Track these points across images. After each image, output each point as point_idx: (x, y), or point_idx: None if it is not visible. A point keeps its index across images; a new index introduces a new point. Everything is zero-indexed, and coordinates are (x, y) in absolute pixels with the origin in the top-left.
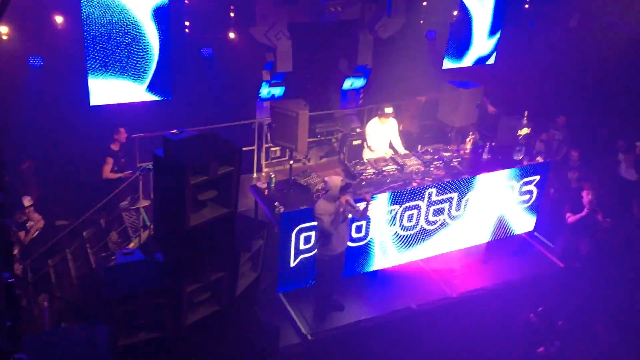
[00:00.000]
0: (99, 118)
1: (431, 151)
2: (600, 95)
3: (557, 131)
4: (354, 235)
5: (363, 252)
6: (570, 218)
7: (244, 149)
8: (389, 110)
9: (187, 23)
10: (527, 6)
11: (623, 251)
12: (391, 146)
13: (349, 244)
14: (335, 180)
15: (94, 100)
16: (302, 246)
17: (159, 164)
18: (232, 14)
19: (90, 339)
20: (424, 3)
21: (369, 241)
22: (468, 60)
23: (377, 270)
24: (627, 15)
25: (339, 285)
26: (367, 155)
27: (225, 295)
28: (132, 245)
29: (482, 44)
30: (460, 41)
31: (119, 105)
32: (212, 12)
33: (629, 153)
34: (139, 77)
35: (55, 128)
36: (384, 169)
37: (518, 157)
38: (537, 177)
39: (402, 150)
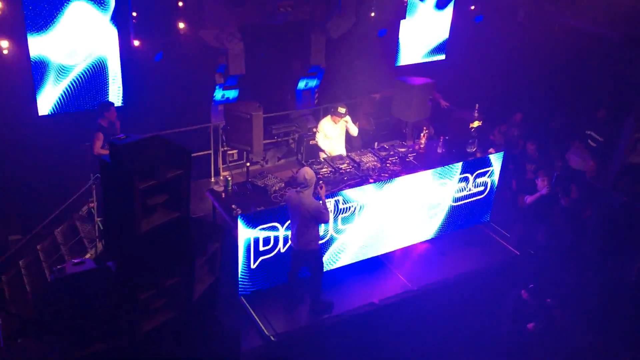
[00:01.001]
0: (49, 128)
1: (387, 147)
2: (549, 87)
3: (514, 127)
4: None
5: (324, 250)
6: (529, 198)
7: (200, 153)
8: (341, 110)
9: (136, 41)
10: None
11: (576, 237)
12: (348, 143)
13: None
14: (311, 171)
15: (43, 110)
16: (261, 248)
17: (106, 170)
18: (181, 24)
19: (46, 354)
20: (373, 2)
21: (330, 239)
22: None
23: (337, 268)
24: (572, 7)
25: (316, 287)
26: (323, 154)
27: (182, 300)
28: (88, 256)
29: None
30: None
31: (69, 114)
32: (160, 16)
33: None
34: None
35: (4, 139)
36: (340, 167)
37: (471, 149)
38: (491, 169)
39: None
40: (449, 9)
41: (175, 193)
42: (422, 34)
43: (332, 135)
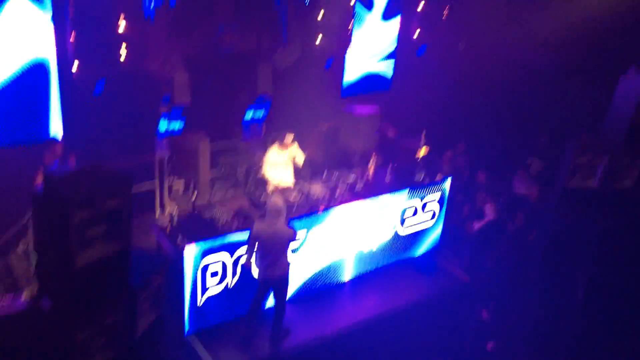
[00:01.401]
0: None
1: (335, 177)
2: (492, 116)
3: (459, 156)
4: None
5: None
6: (477, 225)
7: (144, 186)
8: (289, 139)
9: (75, 60)
10: (416, 34)
11: (523, 261)
12: (297, 174)
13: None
14: (277, 199)
15: None
16: (209, 282)
17: (38, 202)
18: (123, 48)
19: None
20: (319, 33)
21: None
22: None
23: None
24: (509, 37)
25: (279, 312)
26: (271, 186)
27: (123, 339)
28: (24, 295)
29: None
30: None
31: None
32: (103, 45)
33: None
34: None
35: None
36: (289, 198)
37: (419, 176)
38: (438, 194)
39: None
40: (396, 20)
41: (115, 224)
42: (370, 43)
43: (278, 164)
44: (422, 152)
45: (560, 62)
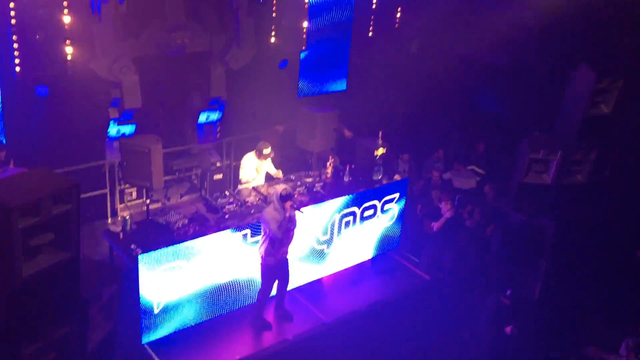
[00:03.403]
0: None
1: (293, 178)
2: (444, 115)
3: (438, 162)
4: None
5: (234, 288)
6: (436, 225)
7: (95, 193)
8: (267, 151)
9: (17, 61)
10: (370, 34)
11: (481, 258)
12: (268, 177)
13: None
14: (277, 188)
15: None
16: (165, 290)
17: None
18: (68, 48)
19: None
20: (273, 33)
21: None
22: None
23: (246, 306)
24: (460, 38)
25: (285, 292)
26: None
27: (74, 353)
28: None
29: None
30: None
31: None
32: (45, 47)
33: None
34: None
35: None
36: (246, 199)
37: (377, 176)
38: (397, 195)
39: (274, 171)
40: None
41: (62, 231)
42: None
43: (254, 171)
44: (380, 151)
45: (512, 60)
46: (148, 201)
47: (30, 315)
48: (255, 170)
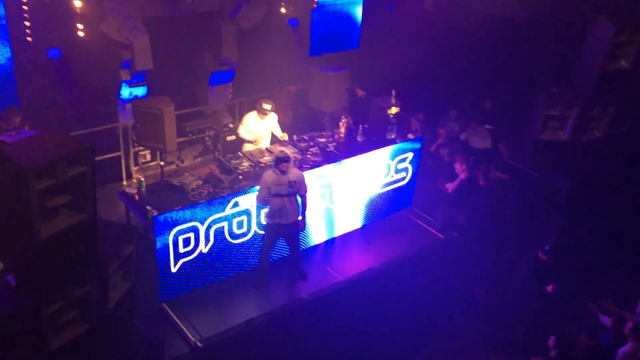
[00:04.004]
0: None
1: (307, 139)
2: (459, 72)
3: (452, 122)
4: (236, 231)
5: (249, 248)
6: (450, 186)
7: (109, 155)
8: (267, 106)
9: (27, 23)
10: None
11: (496, 217)
12: (274, 138)
13: (234, 241)
14: (275, 152)
15: None
16: (182, 249)
17: None
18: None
19: None
20: (282, 4)
21: (253, 236)
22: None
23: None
24: None
25: (297, 254)
26: (247, 148)
27: (95, 311)
28: None
29: None
30: None
31: None
32: (54, 10)
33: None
34: None
35: None
36: (260, 160)
37: (391, 136)
38: (411, 154)
39: (280, 134)
40: None
41: (79, 193)
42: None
43: (258, 132)
44: (393, 110)
45: (528, 15)
46: (162, 163)
47: (50, 276)
48: (251, 131)
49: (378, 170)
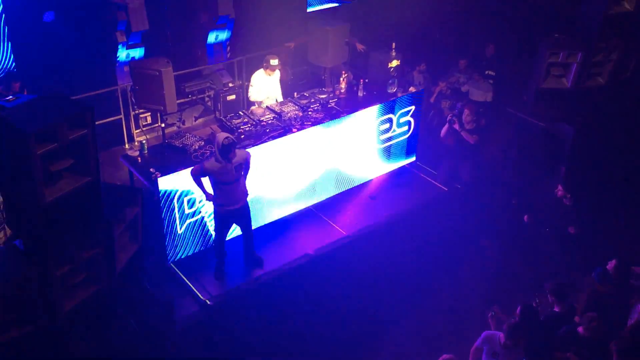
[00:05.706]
0: None
1: (307, 95)
2: (457, 19)
3: (459, 74)
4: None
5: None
6: (465, 135)
7: (110, 119)
8: (274, 62)
9: None
10: None
11: (499, 167)
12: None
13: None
14: (219, 138)
15: None
16: (187, 210)
17: None
18: None
19: None
20: None
21: (257, 197)
22: None
23: (268, 224)
24: None
25: (250, 234)
26: (254, 106)
27: (104, 273)
28: None
29: None
30: None
31: None
32: None
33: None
34: None
35: None
36: (261, 119)
37: (392, 89)
38: (413, 108)
39: (280, 98)
40: None
41: (81, 156)
42: None
43: (268, 89)
44: (394, 63)
45: None
46: (163, 125)
47: (57, 239)
48: (261, 90)
49: (380, 124)
